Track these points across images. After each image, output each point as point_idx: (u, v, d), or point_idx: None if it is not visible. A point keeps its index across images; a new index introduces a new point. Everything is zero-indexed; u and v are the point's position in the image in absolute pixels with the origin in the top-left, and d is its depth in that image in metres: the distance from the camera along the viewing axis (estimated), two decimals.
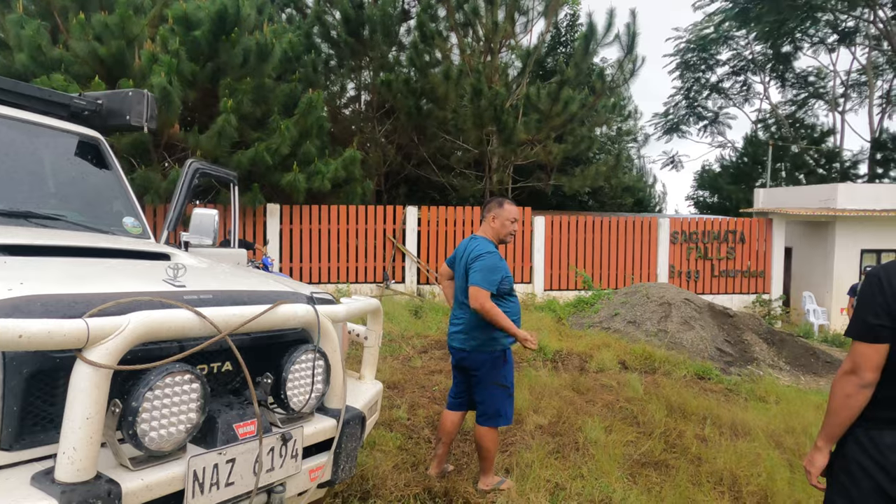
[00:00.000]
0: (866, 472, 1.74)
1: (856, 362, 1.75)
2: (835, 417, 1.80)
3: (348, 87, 14.48)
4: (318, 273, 10.70)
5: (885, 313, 1.70)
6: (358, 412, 2.08)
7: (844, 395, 1.77)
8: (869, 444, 1.75)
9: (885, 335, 1.70)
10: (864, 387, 1.74)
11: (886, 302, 1.71)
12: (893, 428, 1.72)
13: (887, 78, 24.43)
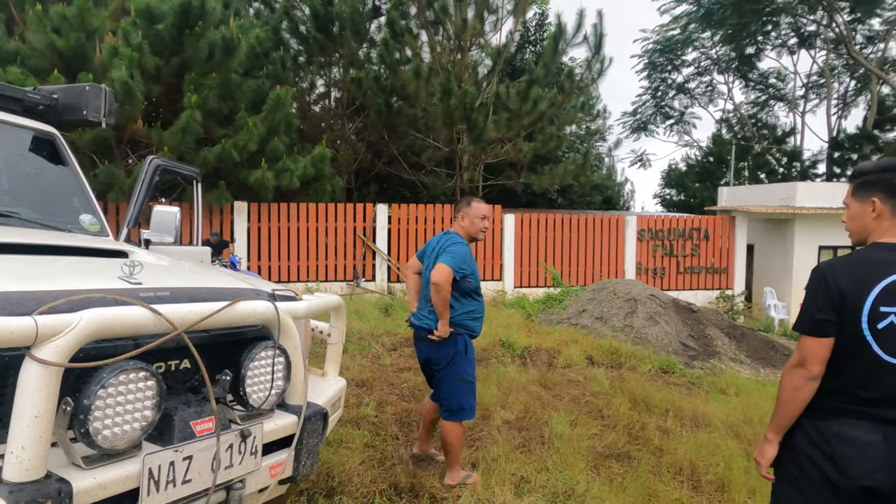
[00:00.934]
0: (814, 462, 1.80)
1: (803, 356, 1.81)
2: (783, 409, 1.87)
3: (318, 84, 14.35)
4: (287, 272, 10.60)
5: (830, 308, 1.76)
6: (320, 408, 2.08)
7: (793, 387, 1.83)
8: (815, 435, 1.81)
9: (830, 329, 1.77)
10: (811, 379, 1.80)
11: (831, 297, 1.77)
12: (838, 418, 1.78)
13: (843, 80, 25.28)
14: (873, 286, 1.73)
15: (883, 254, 1.78)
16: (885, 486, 1.70)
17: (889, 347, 1.72)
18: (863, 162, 1.92)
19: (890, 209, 1.81)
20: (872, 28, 22.37)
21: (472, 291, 3.23)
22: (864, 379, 1.75)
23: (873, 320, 1.73)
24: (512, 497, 3.12)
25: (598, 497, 3.17)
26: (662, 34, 25.18)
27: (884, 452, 1.71)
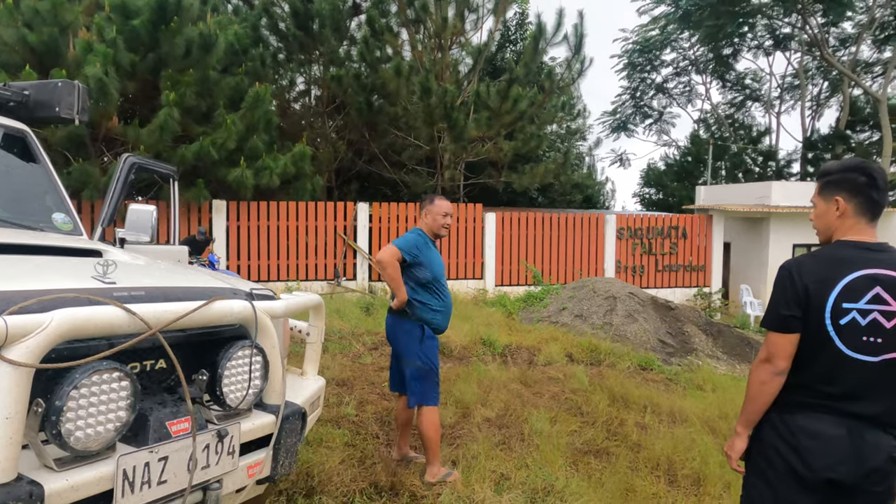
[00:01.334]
0: (780, 455, 1.84)
1: (770, 351, 1.85)
2: (752, 404, 1.90)
3: (298, 82, 14.24)
4: (266, 271, 10.51)
5: (796, 304, 1.80)
6: (298, 408, 2.08)
7: (760, 382, 1.87)
8: (782, 428, 1.85)
9: (795, 326, 1.81)
10: (778, 374, 1.84)
11: (797, 294, 1.81)
12: (804, 412, 1.82)
13: (817, 82, 25.81)
14: (836, 283, 1.78)
15: (846, 251, 1.83)
16: (849, 478, 1.74)
17: (851, 343, 1.76)
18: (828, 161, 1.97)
19: (853, 208, 1.85)
20: (845, 31, 22.87)
21: (428, 283, 3.30)
22: (828, 374, 1.79)
23: (836, 317, 1.77)
24: (492, 494, 3.14)
25: (576, 493, 3.20)
26: (642, 35, 25.46)
27: (847, 445, 1.75)
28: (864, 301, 1.76)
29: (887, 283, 1.75)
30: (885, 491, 1.78)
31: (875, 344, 1.75)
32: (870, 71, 23.98)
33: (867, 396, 1.76)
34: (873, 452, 1.74)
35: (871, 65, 23.99)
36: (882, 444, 1.76)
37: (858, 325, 1.76)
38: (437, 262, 3.37)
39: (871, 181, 1.83)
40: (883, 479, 1.76)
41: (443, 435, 4.08)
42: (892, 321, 1.75)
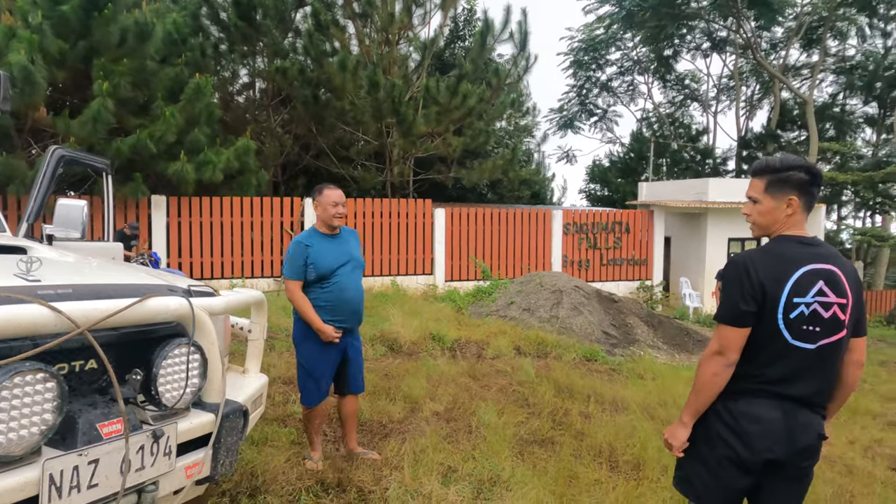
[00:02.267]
0: (723, 440, 1.91)
1: (723, 344, 1.89)
2: (702, 395, 1.94)
3: (241, 74, 13.84)
4: (210, 268, 10.21)
5: (753, 301, 1.86)
6: (239, 406, 2.04)
7: (712, 373, 1.91)
8: (726, 414, 1.92)
9: (750, 320, 1.86)
10: (729, 366, 1.89)
11: (753, 289, 1.86)
12: (745, 397, 1.91)
13: (751, 84, 27.08)
14: (787, 280, 1.85)
15: (794, 247, 1.91)
16: (784, 457, 1.85)
17: (797, 333, 1.85)
18: (766, 157, 2.04)
19: (801, 205, 1.93)
20: (775, 36, 24.08)
21: (314, 281, 3.26)
22: (771, 361, 1.88)
23: (787, 311, 1.85)
24: (439, 486, 3.17)
25: (521, 481, 3.27)
26: (588, 33, 26.04)
27: (783, 426, 1.85)
28: (810, 295, 1.85)
29: (827, 276, 1.86)
30: (811, 465, 1.91)
31: (814, 332, 1.85)
32: (798, 74, 25.34)
33: (802, 379, 1.86)
34: (804, 431, 1.86)
35: (799, 68, 25.36)
36: (812, 424, 1.87)
37: (804, 316, 1.85)
38: (325, 258, 3.26)
39: (813, 179, 1.92)
40: (812, 455, 1.89)
41: (391, 430, 4.09)
42: (829, 311, 1.86)
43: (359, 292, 3.39)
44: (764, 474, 1.90)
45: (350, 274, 3.34)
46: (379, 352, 6.30)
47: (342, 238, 3.42)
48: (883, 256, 20.09)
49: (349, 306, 3.32)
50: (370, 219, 11.16)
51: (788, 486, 1.92)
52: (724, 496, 1.96)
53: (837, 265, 1.89)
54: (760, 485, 1.94)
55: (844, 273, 1.89)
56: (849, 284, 1.89)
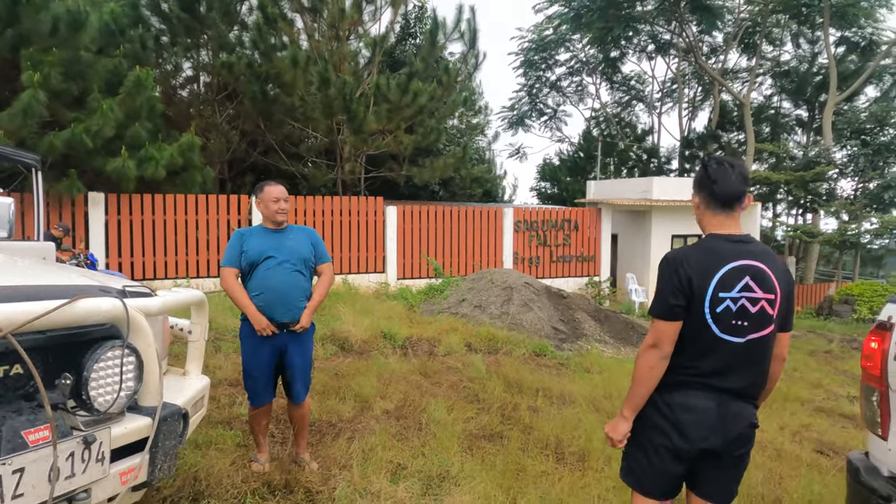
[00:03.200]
0: (661, 430, 2.00)
1: (657, 338, 1.98)
2: (640, 388, 2.01)
3: (184, 67, 13.38)
4: (153, 268, 9.86)
5: (682, 295, 1.95)
6: (178, 408, 1.99)
7: (649, 367, 1.99)
8: (663, 405, 2.01)
9: (680, 314, 1.96)
10: (664, 358, 1.98)
11: (682, 284, 1.95)
12: (680, 389, 1.99)
13: (693, 86, 28.10)
14: (714, 275, 1.95)
15: (719, 244, 2.01)
16: (719, 446, 1.96)
17: (724, 327, 1.95)
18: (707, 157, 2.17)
19: (702, 202, 2.07)
20: (716, 40, 25.07)
21: (248, 272, 3.24)
22: (702, 355, 1.97)
23: (713, 305, 1.94)
24: (388, 484, 3.17)
25: (470, 476, 3.31)
26: (538, 33, 26.42)
27: (716, 417, 1.95)
28: (736, 290, 1.94)
29: (754, 272, 1.96)
30: (745, 453, 2.02)
31: (742, 327, 1.95)
32: (737, 77, 26.46)
33: (733, 373, 1.96)
34: (736, 421, 1.96)
35: (738, 72, 26.49)
36: (744, 414, 1.98)
37: (731, 311, 1.94)
38: (255, 248, 3.22)
39: (707, 176, 2.03)
40: (745, 443, 2.00)
41: (340, 430, 4.06)
42: (756, 306, 1.96)
43: (287, 282, 3.22)
44: (700, 461, 2.00)
45: (282, 264, 3.23)
46: (329, 351, 6.23)
47: (284, 233, 3.36)
48: (813, 252, 21.24)
49: (274, 295, 3.18)
50: (321, 217, 11.01)
51: (724, 472, 2.02)
52: (663, 482, 2.05)
53: (766, 262, 1.98)
54: (697, 471, 2.04)
55: (773, 270, 1.98)
56: (777, 281, 1.98)
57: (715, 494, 2.04)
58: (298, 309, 3.27)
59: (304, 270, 3.34)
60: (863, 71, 20.97)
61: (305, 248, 3.38)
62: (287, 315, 3.24)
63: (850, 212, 17.29)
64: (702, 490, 2.06)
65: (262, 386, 3.30)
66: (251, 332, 3.22)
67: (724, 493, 2.04)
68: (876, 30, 21.50)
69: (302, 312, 3.26)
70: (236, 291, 3.20)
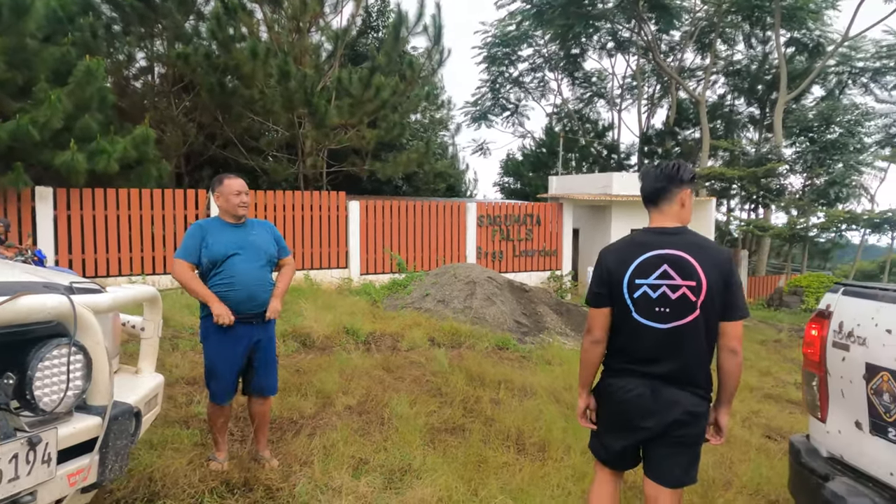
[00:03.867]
0: (607, 410, 2.24)
1: (588, 324, 2.23)
2: (582, 370, 2.29)
3: (138, 57, 12.95)
4: (106, 265, 9.54)
5: (603, 283, 2.17)
6: (129, 407, 1.94)
7: (583, 350, 2.26)
8: (605, 389, 2.24)
9: (603, 301, 2.17)
10: (595, 342, 2.20)
11: (602, 274, 2.18)
12: (621, 375, 2.17)
13: (652, 83, 28.71)
14: (631, 263, 2.13)
15: (644, 237, 2.20)
16: (656, 427, 2.08)
17: (646, 313, 2.10)
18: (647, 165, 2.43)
19: (644, 201, 2.28)
20: (673, 39, 25.65)
21: (210, 269, 3.16)
22: (632, 341, 2.13)
23: (631, 291, 2.11)
24: (349, 479, 3.17)
25: (432, 469, 3.33)
26: (501, 28, 26.53)
27: (652, 402, 2.09)
28: (653, 277, 2.08)
29: (672, 260, 2.09)
30: (687, 434, 2.09)
31: (664, 313, 2.07)
32: (693, 75, 27.15)
33: (661, 359, 2.09)
34: (672, 407, 2.07)
35: (694, 70, 27.18)
36: (680, 401, 2.07)
37: (650, 297, 2.08)
38: (220, 243, 3.15)
39: (638, 178, 2.30)
40: (683, 427, 2.08)
41: (301, 426, 4.03)
42: (676, 293, 2.07)
43: (255, 277, 3.20)
44: (645, 443, 2.16)
45: (246, 260, 3.19)
46: (291, 348, 6.16)
47: (246, 228, 3.31)
48: (765, 245, 22.02)
49: (242, 291, 3.13)
50: (282, 212, 10.85)
51: (667, 455, 2.13)
52: (613, 454, 2.24)
53: (690, 251, 2.08)
54: (645, 452, 2.20)
55: (698, 258, 2.07)
56: (703, 270, 2.05)
57: (660, 476, 2.15)
58: (266, 301, 3.26)
59: (269, 267, 3.33)
60: (811, 71, 21.78)
61: (269, 243, 3.35)
62: (254, 308, 3.22)
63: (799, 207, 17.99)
64: (650, 472, 2.19)
65: (229, 384, 3.26)
66: (216, 331, 3.14)
67: (668, 476, 2.13)
68: (823, 32, 22.35)
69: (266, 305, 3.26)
70: (193, 282, 3.12)
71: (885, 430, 1.96)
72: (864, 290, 2.16)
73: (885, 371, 1.94)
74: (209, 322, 3.15)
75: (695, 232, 2.19)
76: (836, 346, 2.17)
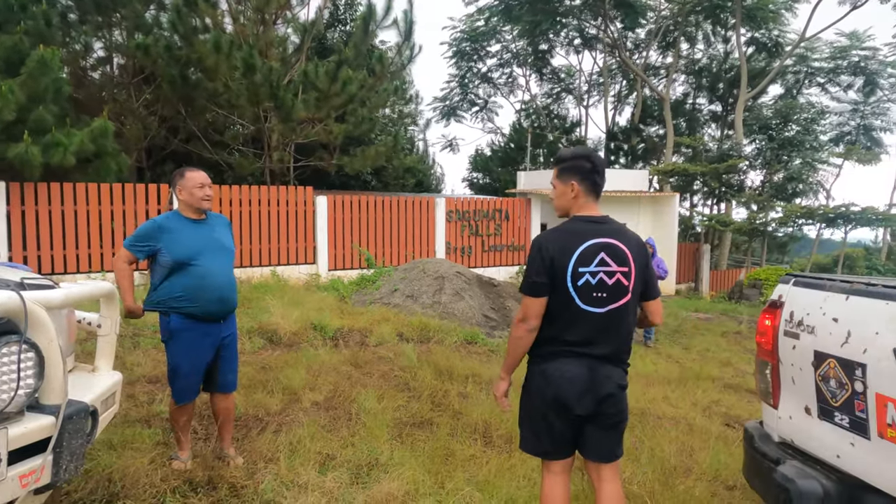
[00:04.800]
0: (542, 397, 2.23)
1: (525, 313, 2.21)
2: (510, 355, 2.32)
3: (95, 48, 12.53)
4: (63, 262, 9.24)
5: (545, 273, 2.17)
6: (84, 406, 1.89)
7: (517, 337, 2.25)
8: (540, 375, 2.25)
9: (544, 290, 2.17)
10: (531, 330, 2.21)
11: (544, 264, 2.17)
12: (555, 359, 2.21)
13: (618, 80, 29.12)
14: (573, 252, 2.16)
15: (580, 225, 2.24)
16: (592, 406, 2.17)
17: (586, 299, 2.16)
18: (562, 149, 2.40)
19: (583, 189, 2.28)
20: (639, 37, 26.05)
21: (173, 267, 3.07)
22: (570, 326, 2.18)
23: (574, 279, 2.15)
24: (316, 475, 3.15)
25: (399, 463, 3.34)
26: (469, 24, 26.53)
27: (588, 381, 2.16)
28: (593, 265, 2.16)
29: (608, 248, 2.18)
30: (617, 413, 2.23)
31: (602, 298, 2.16)
32: (657, 73, 27.65)
33: (598, 341, 2.17)
34: (605, 382, 2.18)
35: (658, 68, 27.67)
36: (613, 376, 2.20)
37: (590, 284, 2.15)
38: (183, 243, 3.07)
39: (594, 167, 2.28)
40: (616, 404, 2.21)
41: (267, 423, 3.99)
42: (612, 279, 2.17)
43: (226, 278, 3.18)
44: (581, 424, 2.22)
45: (215, 259, 3.14)
46: (257, 344, 6.08)
47: (208, 223, 3.25)
48: (726, 239, 22.60)
49: (213, 293, 3.10)
50: (248, 207, 10.67)
51: (603, 432, 2.23)
52: (554, 443, 2.27)
53: (620, 239, 2.22)
54: (581, 434, 2.26)
55: (627, 245, 2.22)
56: (631, 254, 2.21)
57: (599, 454, 2.25)
58: (233, 301, 3.27)
59: (232, 263, 3.32)
60: (770, 70, 22.41)
61: (229, 239, 3.34)
62: (224, 309, 3.20)
63: (758, 202, 18.49)
64: (590, 454, 2.27)
65: (194, 383, 3.21)
66: (180, 331, 3.08)
67: (604, 452, 2.25)
68: (781, 31, 23.01)
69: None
70: (122, 279, 3.11)
71: (832, 415, 2.04)
72: (813, 280, 2.25)
73: (832, 358, 2.03)
74: (173, 321, 3.08)
75: (613, 219, 2.29)
76: (788, 335, 2.26)
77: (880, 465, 1.84)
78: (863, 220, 16.95)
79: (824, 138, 23.87)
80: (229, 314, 3.27)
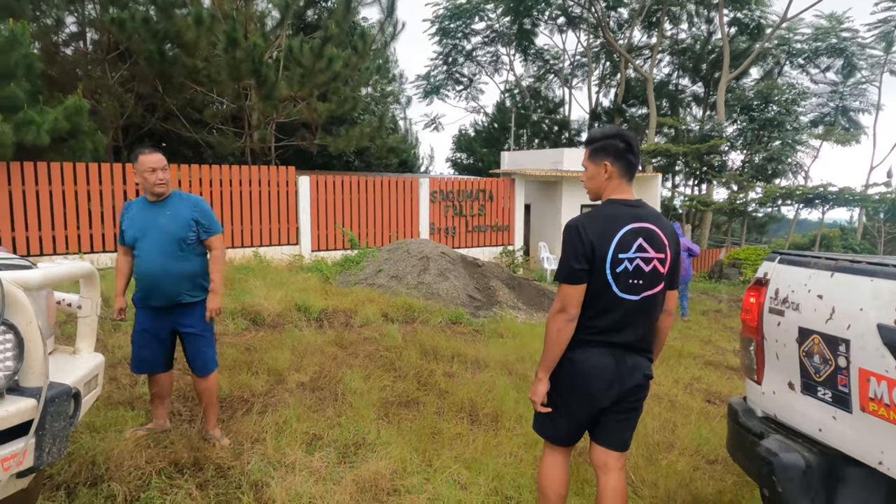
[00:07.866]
0: (568, 385, 2.16)
1: (564, 302, 2.08)
2: (552, 351, 2.13)
3: (67, 22, 12.14)
4: (38, 243, 9.03)
5: (585, 259, 2.05)
6: (67, 388, 1.85)
7: (557, 330, 2.10)
8: (567, 363, 2.14)
9: (584, 277, 2.06)
10: (571, 321, 2.09)
11: (584, 248, 2.05)
12: (582, 347, 2.13)
13: (602, 61, 29.05)
14: (613, 238, 2.06)
15: (617, 209, 2.13)
16: (618, 395, 2.13)
17: (623, 286, 2.08)
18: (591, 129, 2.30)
19: (617, 170, 2.16)
20: (622, 17, 25.95)
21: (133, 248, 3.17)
22: (603, 313, 2.09)
23: (614, 266, 2.06)
24: (303, 455, 3.15)
25: (386, 442, 3.35)
26: (453, 1, 26.19)
27: (614, 371, 2.11)
28: (632, 251, 2.08)
29: (646, 234, 2.10)
30: (641, 397, 2.20)
31: (638, 285, 2.10)
32: (640, 54, 27.61)
33: (627, 328, 2.11)
34: (632, 372, 2.13)
35: (641, 48, 27.64)
36: (640, 366, 2.15)
37: (628, 271, 2.08)
38: (132, 226, 3.09)
39: (628, 147, 2.16)
40: (639, 392, 2.17)
41: (252, 404, 3.97)
42: (649, 266, 2.10)
43: (155, 265, 3.06)
44: (601, 412, 2.17)
45: (151, 245, 3.07)
46: (240, 325, 6.03)
47: (163, 206, 3.16)
48: (707, 219, 22.89)
49: (144, 279, 3.11)
50: (228, 187, 10.50)
51: (621, 421, 2.20)
52: (569, 432, 2.22)
53: (657, 224, 2.14)
54: (598, 421, 2.21)
55: (663, 231, 2.15)
56: (667, 241, 2.15)
57: (611, 442, 2.21)
58: (178, 294, 3.12)
59: (178, 252, 3.11)
60: (751, 51, 22.51)
61: (181, 224, 3.13)
62: (160, 299, 3.14)
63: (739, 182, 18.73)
64: (601, 439, 2.23)
65: (147, 358, 3.26)
66: (139, 306, 3.23)
67: (619, 440, 2.21)
68: (763, 13, 23.07)
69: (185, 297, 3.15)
70: (118, 270, 3.25)
71: (815, 390, 2.08)
72: (798, 258, 2.27)
73: (816, 334, 2.05)
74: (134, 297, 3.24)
75: (647, 203, 2.24)
76: (773, 312, 2.28)
77: (861, 438, 1.88)
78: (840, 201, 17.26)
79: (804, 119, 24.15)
80: (175, 305, 3.14)
